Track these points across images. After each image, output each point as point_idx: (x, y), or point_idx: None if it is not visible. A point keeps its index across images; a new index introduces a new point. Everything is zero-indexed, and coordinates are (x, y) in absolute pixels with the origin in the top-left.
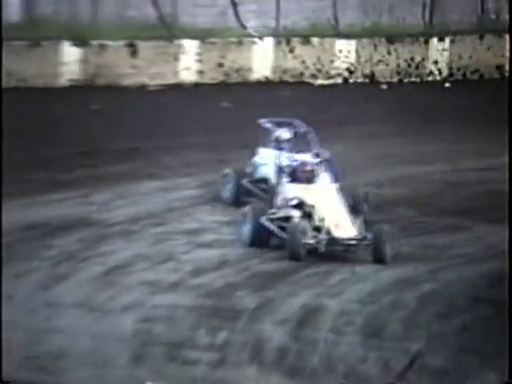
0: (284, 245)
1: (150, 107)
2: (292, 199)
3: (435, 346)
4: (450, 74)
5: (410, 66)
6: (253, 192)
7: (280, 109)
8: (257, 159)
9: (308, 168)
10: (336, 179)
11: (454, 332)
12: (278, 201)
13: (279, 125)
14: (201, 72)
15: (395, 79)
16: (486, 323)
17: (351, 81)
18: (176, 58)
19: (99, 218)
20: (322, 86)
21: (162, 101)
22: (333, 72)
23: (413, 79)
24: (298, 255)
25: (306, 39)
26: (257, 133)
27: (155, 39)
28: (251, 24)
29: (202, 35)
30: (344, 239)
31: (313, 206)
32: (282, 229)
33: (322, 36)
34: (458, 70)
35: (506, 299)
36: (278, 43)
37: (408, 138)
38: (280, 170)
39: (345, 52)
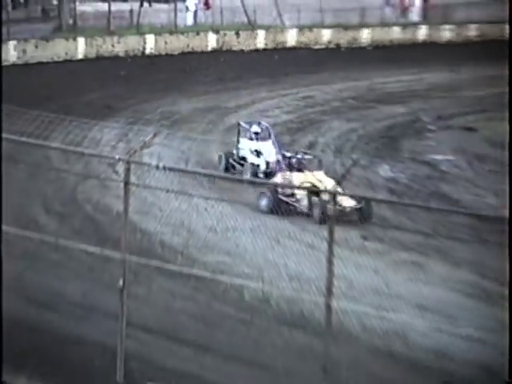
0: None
1: (245, 59)
2: (303, 183)
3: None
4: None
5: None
6: (236, 166)
7: (300, 58)
8: (239, 146)
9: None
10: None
11: (372, 150)
12: (278, 180)
13: (251, 124)
14: (266, 44)
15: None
16: (385, 146)
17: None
18: (255, 38)
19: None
20: (317, 49)
21: (250, 56)
22: (321, 42)
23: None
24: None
25: (310, 29)
26: (290, 70)
27: (247, 30)
28: (287, 23)
29: (266, 28)
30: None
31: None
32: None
33: (318, 27)
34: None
35: None
36: (299, 30)
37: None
38: (279, 163)
39: (326, 34)
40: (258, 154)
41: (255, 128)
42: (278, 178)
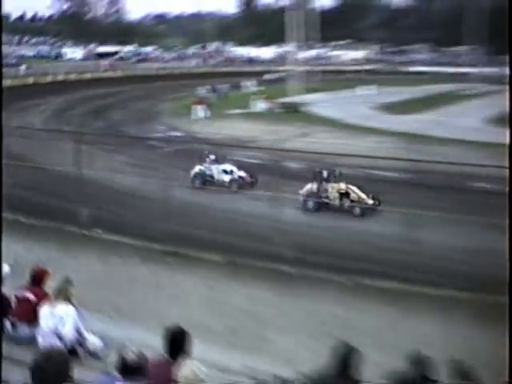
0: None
1: (67, 84)
2: (339, 190)
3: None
4: None
5: None
6: (209, 181)
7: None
8: (202, 168)
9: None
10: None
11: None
12: (313, 189)
13: (209, 154)
14: (74, 79)
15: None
16: (98, 114)
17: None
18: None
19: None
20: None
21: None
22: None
23: None
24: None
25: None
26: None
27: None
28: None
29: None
30: None
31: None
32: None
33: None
34: None
35: None
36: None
37: None
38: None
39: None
40: (230, 172)
41: (212, 156)
42: (313, 188)
